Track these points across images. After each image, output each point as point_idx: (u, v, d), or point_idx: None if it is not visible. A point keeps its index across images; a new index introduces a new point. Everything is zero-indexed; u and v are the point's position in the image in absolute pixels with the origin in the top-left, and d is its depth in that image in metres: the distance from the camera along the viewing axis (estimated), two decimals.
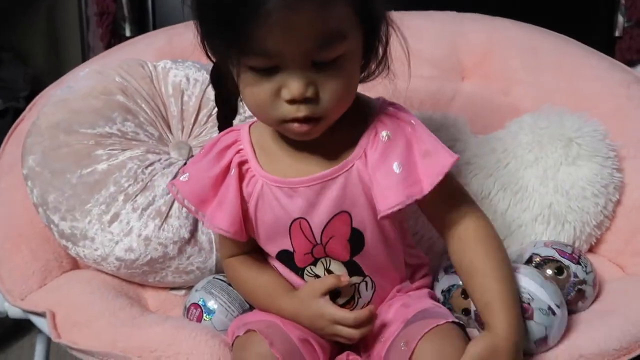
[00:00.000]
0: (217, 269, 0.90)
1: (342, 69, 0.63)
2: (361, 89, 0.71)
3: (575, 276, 0.78)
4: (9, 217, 0.94)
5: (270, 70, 0.62)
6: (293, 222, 0.70)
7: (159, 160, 0.91)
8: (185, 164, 0.92)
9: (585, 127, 0.91)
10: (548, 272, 0.78)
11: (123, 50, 1.12)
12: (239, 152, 0.72)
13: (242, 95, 0.67)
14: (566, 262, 0.79)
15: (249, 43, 0.60)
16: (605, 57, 1.05)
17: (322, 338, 0.72)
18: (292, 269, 0.74)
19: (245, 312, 0.81)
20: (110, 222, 0.87)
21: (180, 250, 0.88)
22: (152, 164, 0.90)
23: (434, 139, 0.69)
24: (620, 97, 0.97)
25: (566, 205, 0.88)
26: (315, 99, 0.63)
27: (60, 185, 0.88)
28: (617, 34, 1.35)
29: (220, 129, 0.79)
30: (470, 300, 0.77)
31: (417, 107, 1.02)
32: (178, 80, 0.98)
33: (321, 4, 0.59)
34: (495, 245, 0.70)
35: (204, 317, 0.81)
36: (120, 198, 0.87)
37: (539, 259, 0.80)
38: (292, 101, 0.62)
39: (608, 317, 0.74)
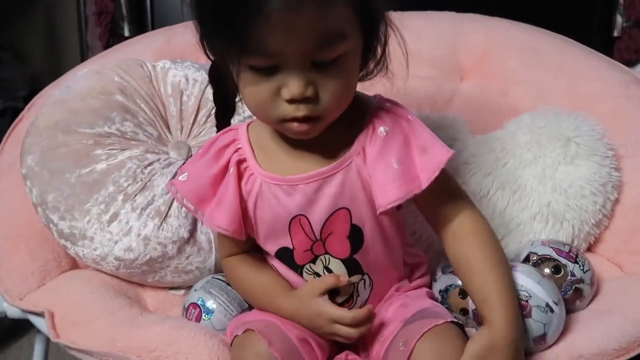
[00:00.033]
0: (216, 269, 0.90)
1: (342, 68, 0.63)
2: (360, 88, 0.71)
3: (573, 275, 0.78)
4: (7, 217, 0.94)
5: (270, 70, 0.62)
6: (293, 219, 0.70)
7: (158, 160, 0.91)
8: (184, 163, 0.92)
9: (583, 126, 0.91)
10: (545, 271, 0.78)
11: (122, 50, 1.12)
12: (237, 150, 0.72)
13: (241, 94, 0.67)
14: (563, 260, 0.79)
15: (250, 43, 0.60)
16: (604, 57, 1.05)
17: (320, 337, 0.72)
18: (292, 267, 0.74)
19: (244, 312, 0.81)
20: (110, 221, 0.87)
21: (180, 250, 0.88)
22: (151, 163, 0.90)
23: (431, 135, 0.69)
24: (619, 97, 0.97)
25: (565, 204, 0.88)
26: (315, 98, 0.63)
27: (59, 185, 0.88)
28: (615, 34, 1.35)
29: (218, 127, 0.79)
30: (468, 300, 0.77)
31: (416, 107, 1.02)
32: (177, 80, 0.98)
33: (322, 4, 0.59)
34: (490, 241, 0.70)
35: (202, 316, 0.81)
36: (120, 198, 0.87)
37: (536, 257, 0.80)
38: (291, 101, 0.62)
39: (607, 317, 0.74)
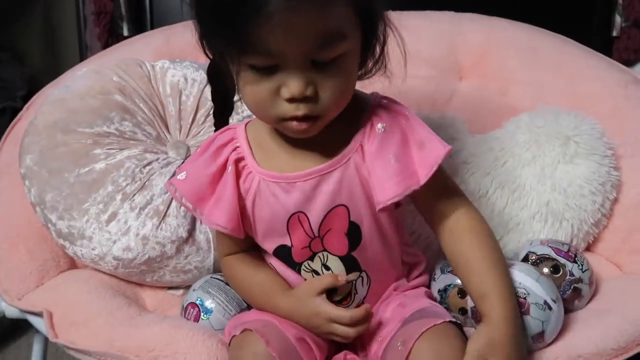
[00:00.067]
0: (215, 269, 0.89)
1: (341, 68, 0.63)
2: (359, 87, 0.71)
3: (572, 274, 0.78)
4: (6, 217, 0.93)
5: (270, 69, 0.62)
6: (291, 216, 0.71)
7: (157, 160, 0.91)
8: (182, 163, 0.92)
9: (583, 126, 0.91)
10: (544, 270, 0.78)
11: (121, 49, 1.11)
12: (235, 149, 0.72)
13: (241, 93, 0.67)
14: (562, 260, 0.79)
15: (250, 42, 0.60)
16: (603, 57, 1.05)
17: (318, 337, 0.72)
18: (290, 264, 0.74)
19: (243, 312, 0.81)
20: (108, 221, 0.87)
21: (178, 250, 0.88)
22: (150, 163, 0.90)
23: (428, 131, 0.70)
24: (618, 97, 0.97)
25: (564, 203, 0.88)
26: (315, 97, 0.63)
27: (57, 185, 0.88)
28: (614, 33, 1.35)
29: (217, 126, 0.79)
30: (467, 299, 0.77)
31: (415, 107, 1.01)
32: (176, 80, 0.98)
33: (322, 4, 0.59)
34: (487, 237, 0.71)
35: (201, 316, 0.81)
36: (118, 197, 0.87)
37: (535, 257, 0.80)
38: (291, 100, 0.63)
39: (605, 316, 0.74)
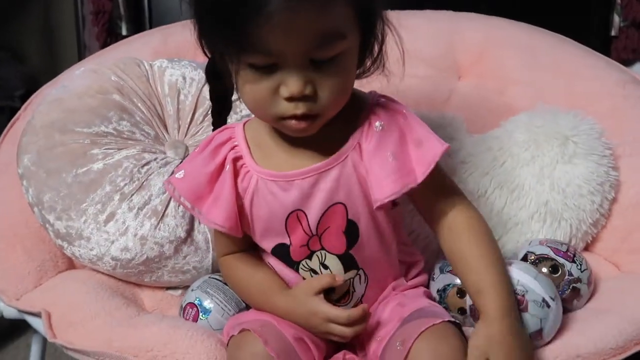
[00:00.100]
0: (214, 269, 0.89)
1: (340, 67, 0.64)
2: (357, 86, 0.71)
3: (570, 274, 0.78)
4: (4, 217, 0.93)
5: (270, 68, 0.62)
6: (290, 214, 0.71)
7: (155, 160, 0.91)
8: (181, 163, 0.92)
9: (581, 126, 0.91)
10: (543, 270, 0.78)
11: (119, 49, 1.11)
12: (233, 148, 0.72)
13: (240, 92, 0.67)
14: (561, 260, 0.79)
15: (249, 42, 0.60)
16: (601, 57, 1.05)
17: (316, 337, 0.72)
18: (288, 263, 0.74)
19: (241, 312, 0.81)
20: (106, 221, 0.86)
21: (177, 250, 0.88)
22: (148, 163, 0.90)
23: (426, 129, 0.70)
24: (616, 97, 0.97)
25: (562, 203, 0.88)
26: (313, 96, 0.63)
27: (55, 185, 0.87)
28: (613, 33, 1.36)
29: (215, 125, 0.79)
30: (466, 299, 0.77)
31: (414, 106, 1.01)
32: (174, 79, 0.98)
33: (322, 4, 0.59)
34: (484, 234, 0.71)
35: (200, 316, 0.81)
36: (116, 197, 0.87)
37: (533, 257, 0.80)
38: (290, 99, 0.63)
39: (604, 316, 0.74)
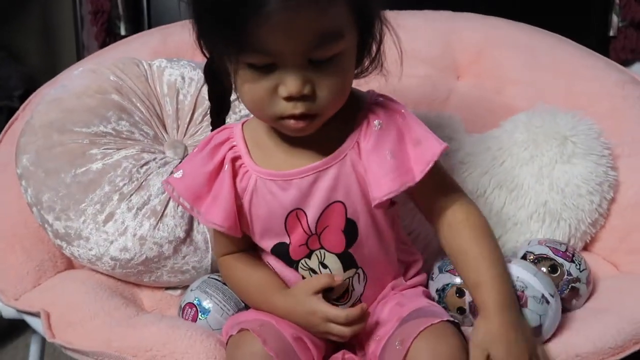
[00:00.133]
0: (213, 269, 0.89)
1: (338, 66, 0.64)
2: (355, 86, 0.71)
3: (569, 274, 0.78)
4: (2, 217, 0.93)
5: (268, 68, 0.62)
6: (289, 213, 0.71)
7: (154, 160, 0.91)
8: (180, 163, 0.92)
9: (580, 126, 0.91)
10: (542, 269, 0.78)
11: (118, 49, 1.11)
12: (232, 148, 0.72)
13: (239, 92, 0.67)
14: (560, 260, 0.79)
15: (249, 42, 0.60)
16: (600, 57, 1.05)
17: (315, 336, 0.72)
18: (287, 262, 0.74)
19: (241, 311, 0.81)
20: (105, 221, 0.86)
21: (176, 250, 0.88)
22: (147, 163, 0.90)
23: (424, 128, 0.70)
24: (615, 97, 0.97)
25: (561, 203, 0.89)
26: (312, 96, 0.63)
27: (54, 185, 0.87)
28: (611, 33, 1.36)
29: (213, 125, 0.79)
30: (465, 298, 0.77)
31: (412, 106, 1.01)
32: (173, 79, 0.98)
33: (321, 4, 0.59)
34: (484, 230, 0.71)
35: (199, 316, 0.81)
36: (115, 197, 0.87)
37: (532, 257, 0.80)
38: (289, 98, 0.63)
39: (603, 316, 0.74)
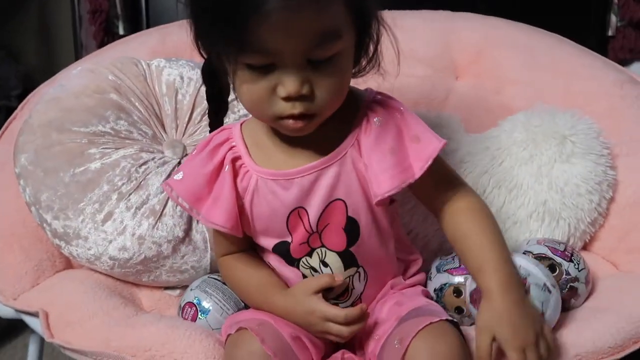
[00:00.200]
0: (212, 268, 0.89)
1: (337, 66, 0.64)
2: (353, 84, 0.71)
3: (568, 274, 0.78)
4: (1, 216, 0.93)
5: (267, 68, 0.62)
6: (291, 212, 0.71)
7: (153, 159, 0.91)
8: (179, 162, 0.92)
9: (579, 125, 0.91)
10: None
11: (116, 48, 1.11)
12: (231, 148, 0.73)
13: (237, 93, 0.67)
14: (558, 259, 0.79)
15: (247, 42, 0.60)
16: (598, 57, 1.05)
17: (314, 336, 0.72)
18: (288, 261, 0.74)
19: (241, 311, 0.81)
20: (104, 221, 0.86)
21: (175, 249, 0.88)
22: (145, 162, 0.90)
23: (423, 125, 0.70)
24: (614, 97, 0.97)
25: (561, 202, 0.89)
26: (311, 96, 0.63)
27: (53, 184, 0.87)
28: (610, 33, 1.36)
29: (212, 125, 0.79)
30: (462, 298, 0.77)
31: (411, 106, 1.01)
32: (172, 78, 0.98)
33: (319, 4, 0.59)
34: (486, 216, 0.72)
35: (199, 316, 0.81)
36: (114, 197, 0.87)
37: (531, 256, 0.80)
38: (287, 98, 0.63)
39: (602, 315, 0.74)
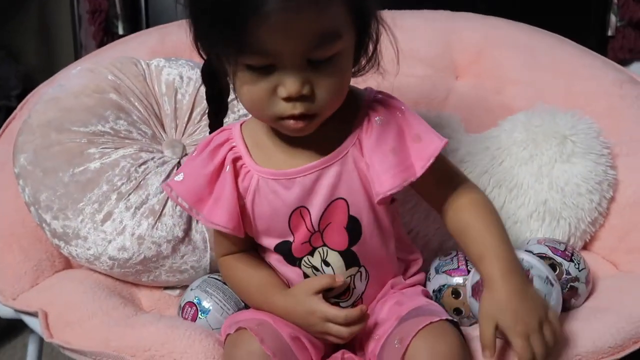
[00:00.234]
0: (212, 268, 0.89)
1: (337, 66, 0.64)
2: (353, 84, 0.71)
3: (568, 273, 0.78)
4: (0, 217, 0.93)
5: (267, 69, 0.62)
6: (293, 211, 0.71)
7: (152, 159, 0.90)
8: (178, 162, 0.92)
9: (580, 125, 0.92)
10: None
11: (115, 48, 1.11)
12: (232, 149, 0.72)
13: (238, 93, 0.67)
14: (559, 259, 0.79)
15: (247, 43, 0.60)
16: (598, 57, 1.05)
17: (314, 336, 0.72)
18: (290, 260, 0.74)
19: (240, 311, 0.81)
20: (103, 221, 0.86)
21: (174, 249, 0.88)
22: (145, 162, 0.90)
23: (424, 124, 0.70)
24: (613, 96, 0.97)
25: (561, 202, 0.89)
26: (311, 96, 0.63)
27: (52, 184, 0.87)
28: (609, 33, 1.36)
29: (211, 126, 0.79)
30: (461, 299, 0.77)
31: (411, 106, 1.00)
32: (171, 78, 0.97)
33: (319, 5, 0.59)
34: (489, 211, 0.72)
35: (199, 315, 0.81)
36: (113, 197, 0.87)
37: None
38: (288, 99, 0.63)
39: (602, 315, 0.74)
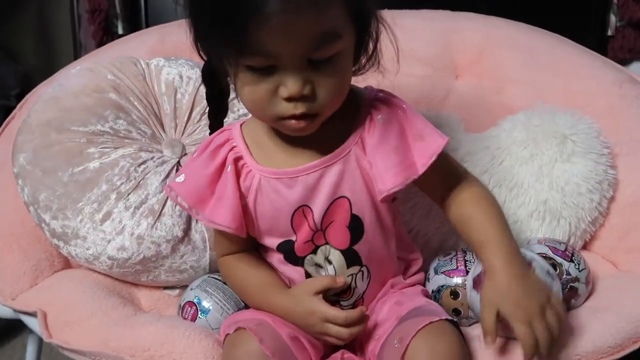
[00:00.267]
0: (211, 268, 0.89)
1: (337, 66, 0.64)
2: (354, 84, 0.71)
3: (568, 274, 0.78)
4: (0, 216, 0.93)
5: (268, 69, 0.63)
6: (296, 210, 0.71)
7: (152, 159, 0.90)
8: (178, 162, 0.91)
9: (580, 125, 0.92)
10: None
11: (115, 48, 1.11)
12: (232, 149, 0.73)
13: (239, 94, 0.67)
14: (559, 259, 0.79)
15: (248, 44, 0.60)
16: (598, 56, 1.05)
17: (313, 337, 0.72)
18: (292, 259, 0.74)
19: (240, 311, 0.81)
20: (102, 220, 0.86)
21: (174, 249, 0.88)
22: (144, 162, 0.89)
23: (425, 122, 0.71)
24: (613, 96, 0.97)
25: (561, 202, 0.89)
26: (312, 96, 0.64)
27: (51, 184, 0.87)
28: (609, 33, 1.36)
29: (212, 127, 0.79)
30: (459, 300, 0.77)
31: (411, 105, 1.01)
32: (171, 78, 0.97)
33: (319, 6, 0.59)
34: (491, 204, 0.73)
35: (199, 315, 0.81)
36: (113, 196, 0.86)
37: None
38: (289, 99, 0.63)
39: (602, 314, 0.74)
